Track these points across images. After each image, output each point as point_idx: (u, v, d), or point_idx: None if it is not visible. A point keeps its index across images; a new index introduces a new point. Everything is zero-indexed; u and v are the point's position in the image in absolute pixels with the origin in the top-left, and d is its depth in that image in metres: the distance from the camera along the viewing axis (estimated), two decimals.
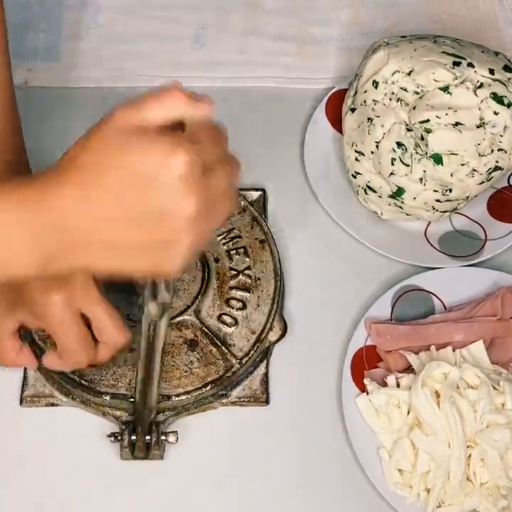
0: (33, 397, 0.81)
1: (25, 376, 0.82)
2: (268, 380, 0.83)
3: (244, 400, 0.82)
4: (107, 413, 0.80)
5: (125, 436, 0.77)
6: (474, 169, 0.86)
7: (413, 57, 0.87)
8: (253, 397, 0.82)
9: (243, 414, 0.83)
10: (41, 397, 0.81)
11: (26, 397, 0.81)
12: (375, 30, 1.07)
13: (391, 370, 0.83)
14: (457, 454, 0.76)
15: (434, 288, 0.88)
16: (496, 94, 0.85)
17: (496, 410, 0.78)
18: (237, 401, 0.82)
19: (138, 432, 0.76)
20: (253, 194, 0.93)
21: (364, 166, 0.90)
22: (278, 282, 0.86)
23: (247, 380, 0.83)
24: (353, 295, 0.89)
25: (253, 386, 0.83)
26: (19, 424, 0.81)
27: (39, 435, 0.81)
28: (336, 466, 0.81)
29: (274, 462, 0.81)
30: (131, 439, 0.77)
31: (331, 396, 0.83)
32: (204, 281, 0.85)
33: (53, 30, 1.06)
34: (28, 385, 0.82)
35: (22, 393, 0.82)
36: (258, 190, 0.94)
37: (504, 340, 0.84)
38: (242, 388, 0.82)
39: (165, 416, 0.80)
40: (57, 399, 0.81)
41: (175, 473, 0.80)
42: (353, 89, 0.92)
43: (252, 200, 0.92)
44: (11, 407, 0.82)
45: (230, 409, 0.82)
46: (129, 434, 0.77)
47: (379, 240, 0.91)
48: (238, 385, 0.82)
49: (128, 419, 0.79)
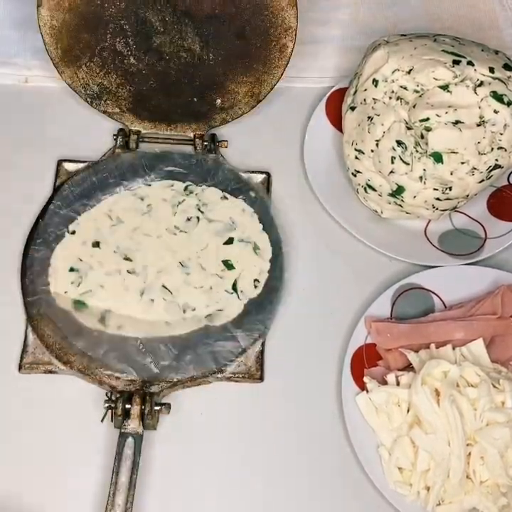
0: (32, 363, 0.83)
1: (25, 344, 0.84)
2: (263, 358, 0.84)
3: (238, 376, 0.83)
4: (103, 382, 0.82)
5: (119, 404, 0.78)
6: (474, 167, 0.86)
7: (413, 56, 0.88)
8: (248, 373, 0.84)
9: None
10: (40, 364, 0.83)
11: (25, 364, 0.83)
12: (375, 29, 1.07)
13: (391, 369, 0.83)
14: (457, 452, 0.76)
15: (434, 286, 0.88)
16: (495, 92, 0.85)
17: (495, 408, 0.78)
18: (231, 376, 0.83)
19: (133, 401, 0.78)
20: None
21: (364, 165, 0.90)
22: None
23: (242, 356, 0.84)
24: (353, 293, 0.89)
25: (248, 363, 0.84)
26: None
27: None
28: (336, 464, 0.81)
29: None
30: (125, 407, 0.78)
31: (331, 394, 0.83)
32: None
33: None
34: (28, 353, 0.84)
35: (21, 360, 0.83)
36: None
37: (504, 338, 0.84)
38: (238, 364, 0.84)
39: (160, 388, 0.81)
40: (55, 366, 0.83)
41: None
42: (353, 88, 0.92)
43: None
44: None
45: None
46: (123, 402, 0.78)
47: (379, 239, 0.91)
48: (233, 362, 0.84)
49: (123, 388, 0.81)
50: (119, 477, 0.76)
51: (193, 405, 0.83)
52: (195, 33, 0.92)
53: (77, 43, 0.92)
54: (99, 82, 0.94)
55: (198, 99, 0.96)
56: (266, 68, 0.95)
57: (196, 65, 0.94)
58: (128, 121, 0.97)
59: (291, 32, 0.93)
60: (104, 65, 0.94)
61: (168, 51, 0.93)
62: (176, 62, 0.94)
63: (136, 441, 0.78)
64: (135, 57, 0.94)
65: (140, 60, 0.94)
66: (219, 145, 0.96)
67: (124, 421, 0.78)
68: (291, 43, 0.93)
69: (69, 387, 0.83)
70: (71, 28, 0.91)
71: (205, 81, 0.95)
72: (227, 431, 0.82)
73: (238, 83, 0.95)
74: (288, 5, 0.91)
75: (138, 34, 0.92)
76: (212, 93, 0.96)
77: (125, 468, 0.76)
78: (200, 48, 0.93)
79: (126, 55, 0.94)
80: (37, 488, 0.79)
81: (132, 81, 0.95)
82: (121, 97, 0.96)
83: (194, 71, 0.95)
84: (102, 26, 0.92)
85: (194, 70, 0.95)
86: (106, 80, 0.95)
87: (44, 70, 1.01)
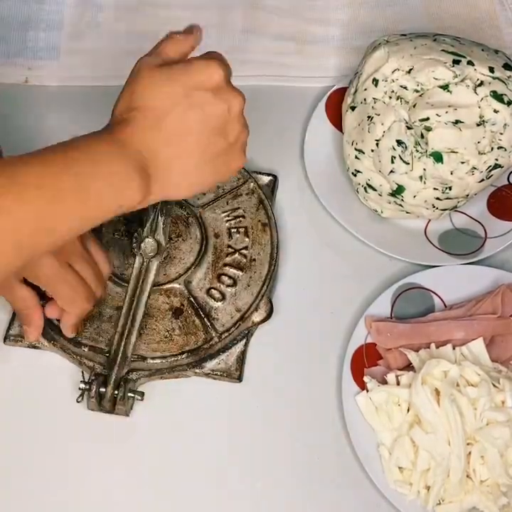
0: (17, 336, 0.84)
1: (13, 318, 0.85)
2: (244, 359, 0.84)
3: (217, 374, 0.84)
4: (83, 363, 0.82)
5: (93, 386, 0.79)
6: (474, 167, 0.86)
7: (413, 56, 0.88)
8: (226, 372, 0.84)
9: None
10: (24, 338, 0.84)
11: (10, 336, 0.84)
12: (375, 28, 1.07)
13: (391, 368, 0.83)
14: (457, 451, 0.76)
15: (434, 286, 0.88)
16: (495, 92, 0.85)
17: (495, 408, 0.78)
18: (210, 373, 0.83)
19: (107, 384, 0.79)
20: (264, 178, 0.95)
21: (364, 164, 0.90)
22: (272, 266, 0.87)
23: (223, 354, 0.84)
24: (353, 293, 0.89)
25: (229, 362, 0.84)
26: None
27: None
28: (336, 463, 0.81)
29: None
30: (100, 390, 0.79)
31: (331, 394, 0.83)
32: (200, 254, 0.87)
33: (53, 29, 1.06)
34: (14, 326, 0.85)
35: (7, 332, 0.85)
36: (269, 175, 0.95)
37: (504, 338, 0.84)
38: (218, 362, 0.84)
39: (138, 375, 0.82)
40: (39, 342, 0.84)
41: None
42: (353, 88, 0.92)
43: (262, 183, 0.94)
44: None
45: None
46: (97, 385, 0.79)
47: (379, 238, 0.91)
48: (214, 358, 0.84)
49: (101, 372, 0.81)
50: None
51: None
52: None
53: None
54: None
55: None
56: None
57: None
58: None
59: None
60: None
61: None
62: None
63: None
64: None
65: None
66: None
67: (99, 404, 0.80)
68: None
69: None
70: None
71: None
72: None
73: None
74: None
75: None
76: None
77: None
78: None
79: None
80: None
81: None
82: None
83: None
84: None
85: None
86: None
87: (44, 70, 1.01)
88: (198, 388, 0.83)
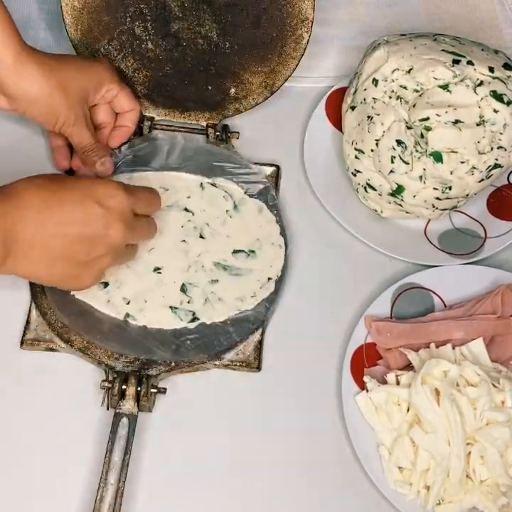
0: (34, 340, 0.84)
1: (28, 321, 0.85)
2: (262, 348, 0.85)
3: (236, 364, 0.84)
4: (102, 362, 0.82)
5: (116, 384, 0.79)
6: (474, 167, 0.86)
7: (413, 56, 0.88)
8: (245, 361, 0.84)
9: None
10: (41, 341, 0.84)
11: (27, 340, 0.84)
12: (375, 29, 1.07)
13: (391, 368, 0.83)
14: (457, 451, 0.76)
15: (434, 286, 0.88)
16: (495, 92, 0.85)
17: (495, 408, 0.78)
18: (229, 364, 0.84)
19: (128, 382, 0.79)
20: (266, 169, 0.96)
21: (364, 164, 0.90)
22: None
23: (241, 345, 0.84)
24: (353, 293, 0.89)
25: (246, 352, 0.84)
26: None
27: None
28: (336, 463, 0.81)
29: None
30: (122, 388, 0.79)
31: (331, 393, 0.83)
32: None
33: (53, 29, 1.06)
34: (30, 329, 0.84)
35: (23, 336, 0.84)
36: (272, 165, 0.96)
37: (504, 338, 0.84)
38: (236, 353, 0.84)
39: (158, 371, 0.82)
40: (56, 344, 0.84)
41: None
42: (353, 88, 0.92)
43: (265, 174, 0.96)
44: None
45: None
46: (120, 383, 0.79)
47: (379, 238, 0.91)
48: (232, 350, 0.84)
49: (122, 369, 0.81)
50: (112, 456, 0.76)
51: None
52: (212, 20, 0.93)
53: (97, 25, 0.94)
54: (116, 66, 0.95)
55: (212, 87, 0.96)
56: (281, 59, 0.95)
57: (212, 52, 0.95)
58: (142, 107, 0.97)
59: (307, 23, 0.93)
60: (121, 49, 0.95)
61: (186, 37, 0.94)
62: (192, 48, 0.95)
63: (131, 421, 0.78)
64: (153, 42, 0.95)
65: (157, 46, 0.95)
66: (230, 136, 0.97)
67: (120, 401, 0.79)
68: (307, 34, 0.94)
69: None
70: (92, 9, 0.93)
71: (221, 69, 0.96)
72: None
73: (253, 73, 0.96)
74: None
75: (157, 19, 0.93)
76: (227, 82, 0.96)
77: (118, 447, 0.77)
78: (217, 35, 0.94)
79: (144, 40, 0.94)
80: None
81: (149, 66, 0.96)
82: (137, 82, 0.97)
83: (210, 59, 0.95)
84: (122, 9, 0.93)
85: (210, 58, 0.95)
86: (123, 63, 0.96)
87: None
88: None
